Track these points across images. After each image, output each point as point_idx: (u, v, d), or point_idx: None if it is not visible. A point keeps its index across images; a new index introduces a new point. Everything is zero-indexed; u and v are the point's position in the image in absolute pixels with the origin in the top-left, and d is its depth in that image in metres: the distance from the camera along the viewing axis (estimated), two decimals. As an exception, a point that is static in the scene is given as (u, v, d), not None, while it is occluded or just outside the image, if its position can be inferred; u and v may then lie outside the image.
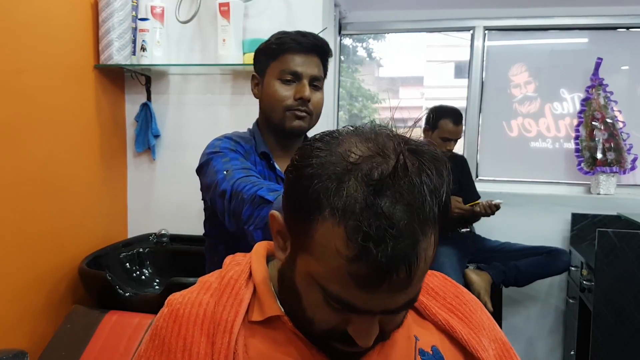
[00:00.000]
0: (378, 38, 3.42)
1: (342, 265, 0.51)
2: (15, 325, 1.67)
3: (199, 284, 0.71)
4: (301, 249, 0.56)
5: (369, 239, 0.48)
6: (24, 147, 1.68)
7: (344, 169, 0.52)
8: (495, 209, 2.28)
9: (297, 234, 0.57)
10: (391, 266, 0.49)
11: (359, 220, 0.49)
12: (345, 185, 0.51)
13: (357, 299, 0.52)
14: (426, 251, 0.52)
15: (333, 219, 0.51)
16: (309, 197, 0.53)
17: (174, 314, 0.66)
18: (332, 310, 0.55)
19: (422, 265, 0.52)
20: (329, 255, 0.52)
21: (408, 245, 0.49)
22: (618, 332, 1.91)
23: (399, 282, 0.51)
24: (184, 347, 0.63)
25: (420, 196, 0.51)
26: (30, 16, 1.68)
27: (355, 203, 0.50)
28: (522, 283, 2.36)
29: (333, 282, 0.53)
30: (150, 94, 2.21)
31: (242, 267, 0.70)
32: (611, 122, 2.59)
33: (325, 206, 0.51)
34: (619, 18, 2.62)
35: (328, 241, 0.52)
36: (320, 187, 0.52)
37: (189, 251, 2.11)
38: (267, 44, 1.30)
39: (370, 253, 0.49)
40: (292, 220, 0.58)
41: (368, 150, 0.53)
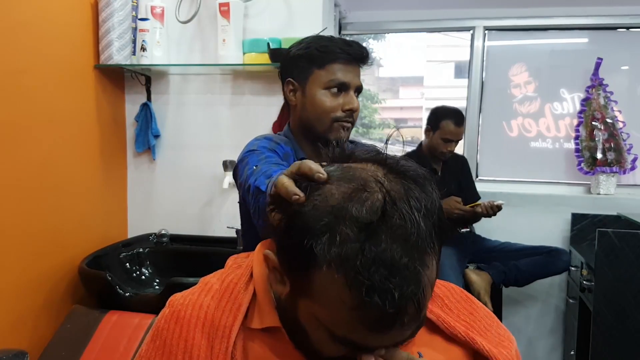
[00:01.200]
0: (378, 38, 3.43)
1: (349, 313, 0.49)
2: (16, 325, 1.67)
3: (200, 284, 0.71)
4: (302, 295, 0.54)
5: (373, 290, 0.47)
6: (24, 147, 1.68)
7: (331, 216, 0.50)
8: (497, 209, 2.28)
9: (295, 280, 0.55)
10: (399, 309, 0.48)
11: (359, 272, 0.48)
12: (337, 234, 0.49)
13: (366, 339, 0.52)
14: (430, 278, 0.51)
15: (331, 268, 0.49)
16: (302, 251, 0.51)
17: (175, 315, 0.66)
18: (340, 345, 0.54)
19: (428, 294, 0.51)
20: (332, 303, 0.50)
21: (413, 284, 0.48)
22: (618, 332, 1.91)
23: (410, 318, 0.50)
24: (184, 349, 0.63)
25: (414, 226, 0.49)
26: (30, 16, 1.68)
27: (350, 252, 0.48)
28: (522, 283, 2.36)
29: (340, 327, 0.52)
30: (150, 94, 2.21)
31: (243, 270, 0.70)
32: (611, 122, 2.59)
33: (321, 259, 0.50)
34: (619, 18, 2.62)
35: (330, 290, 0.50)
36: (312, 240, 0.50)
37: (189, 251, 2.12)
38: (307, 50, 1.24)
39: (376, 303, 0.47)
40: (288, 268, 0.56)
41: (349, 188, 0.52)
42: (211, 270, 0.76)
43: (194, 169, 2.22)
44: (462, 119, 2.39)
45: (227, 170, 2.06)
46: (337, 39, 1.24)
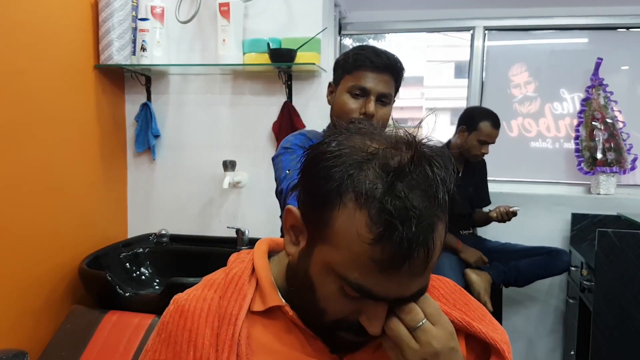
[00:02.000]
0: (378, 38, 3.43)
1: (364, 250, 0.53)
2: (16, 325, 1.67)
3: (203, 282, 0.73)
4: (320, 240, 0.58)
5: (394, 217, 0.52)
6: (24, 147, 1.68)
7: (362, 157, 0.55)
8: (512, 215, 2.27)
9: (315, 225, 0.59)
10: (412, 246, 0.52)
11: (382, 202, 0.52)
12: (365, 172, 0.54)
13: (376, 284, 0.55)
14: (440, 236, 0.56)
15: (355, 204, 0.54)
16: (329, 185, 0.56)
17: (180, 309, 0.68)
18: (346, 300, 0.58)
19: (437, 250, 0.56)
20: (350, 242, 0.54)
21: (428, 226, 0.53)
22: (618, 332, 1.91)
23: (418, 264, 0.54)
24: (189, 339, 0.65)
25: (434, 184, 0.54)
26: (30, 16, 1.68)
27: (376, 188, 0.53)
28: (522, 283, 2.36)
29: (353, 270, 0.55)
30: (150, 94, 2.21)
31: (246, 264, 0.72)
32: (611, 122, 2.59)
33: (346, 192, 0.54)
34: (619, 18, 2.62)
35: (349, 227, 0.54)
36: (341, 174, 0.55)
37: (189, 251, 2.12)
38: (344, 57, 1.39)
39: (395, 231, 0.52)
40: (310, 211, 0.60)
41: (382, 144, 0.57)
42: (211, 270, 0.77)
43: (194, 169, 2.22)
44: (499, 121, 2.34)
45: (227, 170, 2.05)
46: (370, 49, 1.36)
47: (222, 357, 0.63)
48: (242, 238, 2.06)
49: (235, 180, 2.09)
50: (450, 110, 10.18)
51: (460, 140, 2.38)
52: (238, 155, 2.12)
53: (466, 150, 2.36)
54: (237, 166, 2.09)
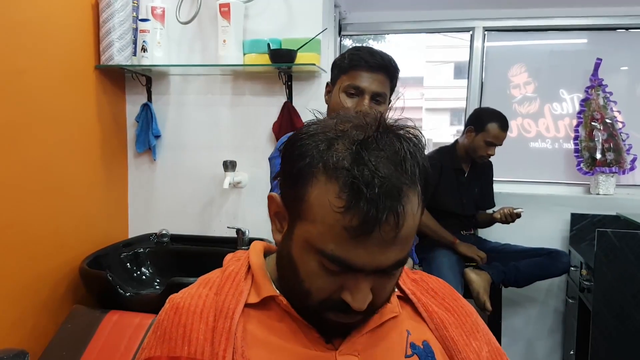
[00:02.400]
0: (378, 39, 3.43)
1: (336, 220, 0.56)
2: (16, 325, 1.67)
3: (198, 281, 0.74)
4: (298, 218, 0.61)
5: (360, 183, 0.54)
6: (25, 147, 1.68)
7: (333, 134, 0.59)
8: (516, 217, 2.27)
9: (293, 203, 0.62)
10: (379, 210, 0.54)
11: (349, 170, 0.55)
12: (335, 147, 0.58)
13: (351, 254, 0.57)
14: (411, 206, 0.57)
15: (325, 176, 0.57)
16: (302, 162, 0.59)
17: (175, 307, 0.69)
18: (328, 276, 0.60)
19: (408, 219, 0.57)
20: (323, 213, 0.57)
21: (394, 190, 0.55)
22: (618, 332, 1.91)
23: (389, 229, 0.56)
24: (183, 334, 0.66)
25: (401, 153, 0.57)
26: (31, 17, 1.68)
27: (344, 159, 0.56)
28: (521, 283, 2.36)
29: (328, 241, 0.57)
30: (150, 95, 2.21)
31: (242, 262, 0.74)
32: (610, 122, 2.59)
33: (317, 165, 0.58)
34: (619, 18, 2.63)
35: (322, 199, 0.57)
36: (312, 149, 0.59)
37: (189, 251, 2.12)
38: (341, 58, 1.43)
39: (362, 196, 0.54)
40: (288, 192, 0.63)
41: (352, 123, 0.61)
42: (211, 270, 0.77)
43: (194, 169, 2.23)
44: (507, 122, 2.34)
45: (227, 170, 2.06)
46: (365, 50, 1.39)
47: (219, 350, 0.63)
48: (243, 238, 2.06)
49: (236, 181, 2.09)
50: (450, 111, 10.22)
51: (467, 140, 2.38)
52: (238, 155, 2.13)
53: (472, 151, 2.36)
54: (238, 166, 2.09)
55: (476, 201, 2.43)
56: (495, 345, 0.77)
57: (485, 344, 0.75)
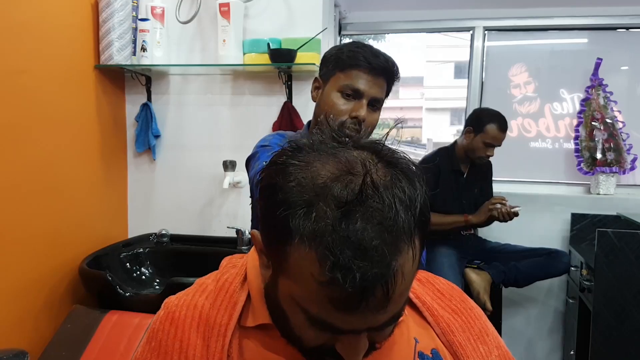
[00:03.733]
0: (378, 38, 3.43)
1: (319, 290, 0.50)
2: (16, 325, 1.67)
3: (195, 285, 0.71)
4: (280, 272, 0.56)
5: (337, 267, 0.47)
6: (25, 147, 1.68)
7: (313, 193, 0.51)
8: (513, 216, 2.26)
9: (274, 257, 0.56)
10: (365, 289, 0.48)
11: (328, 248, 0.48)
12: (314, 210, 0.50)
13: (338, 320, 0.52)
14: (403, 267, 0.50)
15: (305, 243, 0.50)
16: (280, 224, 0.52)
17: (170, 316, 0.67)
18: (318, 330, 0.55)
19: (400, 283, 0.50)
20: (304, 279, 0.51)
21: (380, 267, 0.48)
22: (618, 332, 1.91)
23: (377, 301, 0.50)
24: (180, 349, 0.64)
25: (392, 212, 0.49)
26: (30, 16, 1.68)
27: (324, 229, 0.49)
28: (522, 283, 2.36)
29: (313, 305, 0.52)
30: (150, 94, 2.21)
31: (238, 270, 0.71)
32: (611, 122, 2.59)
33: (295, 233, 0.50)
34: (619, 18, 2.62)
35: (302, 266, 0.51)
36: (290, 213, 0.51)
37: (189, 251, 2.12)
38: (337, 52, 1.26)
39: (345, 276, 0.47)
40: (268, 243, 0.57)
41: (337, 170, 0.52)
42: (211, 270, 0.76)
43: (194, 169, 2.22)
44: (506, 124, 2.33)
45: (227, 170, 2.06)
46: (367, 48, 1.24)
47: None
48: (242, 238, 2.06)
49: (236, 181, 2.09)
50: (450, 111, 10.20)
51: (466, 141, 2.38)
52: (238, 155, 2.12)
53: (471, 152, 2.36)
54: (237, 166, 2.09)
55: (476, 202, 2.42)
56: (505, 350, 0.75)
57: (495, 347, 0.72)
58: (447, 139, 7.76)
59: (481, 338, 0.71)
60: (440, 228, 2.28)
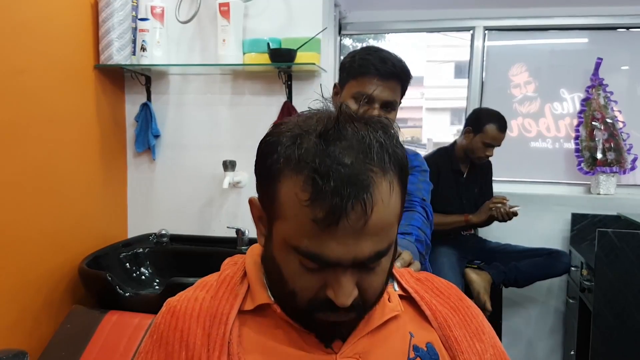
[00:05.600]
0: (378, 38, 3.43)
1: (305, 214, 0.55)
2: (16, 325, 1.67)
3: (196, 284, 0.74)
4: (274, 218, 0.61)
5: (322, 173, 0.54)
6: (24, 147, 1.68)
7: (297, 131, 0.59)
8: (512, 215, 2.26)
9: (268, 203, 0.62)
10: (343, 199, 0.54)
11: (312, 163, 0.55)
12: (300, 142, 0.58)
13: (325, 248, 0.56)
14: (381, 193, 0.56)
15: (292, 171, 0.57)
16: (270, 159, 0.60)
17: (172, 310, 0.69)
18: (309, 274, 0.59)
19: (379, 207, 0.56)
20: (293, 209, 0.57)
21: (358, 179, 0.55)
22: (618, 332, 1.91)
23: (357, 218, 0.55)
24: (180, 339, 0.66)
25: (366, 141, 0.57)
26: (30, 16, 1.68)
27: (307, 152, 0.57)
28: (522, 284, 2.36)
29: (302, 237, 0.57)
30: (150, 94, 2.21)
31: (238, 266, 0.74)
32: (611, 122, 2.59)
33: (283, 161, 0.58)
34: (619, 18, 2.62)
35: (290, 194, 0.57)
36: (278, 147, 0.59)
37: (189, 251, 2.11)
38: (350, 60, 1.35)
39: (325, 187, 0.54)
40: (263, 191, 0.63)
41: (316, 117, 0.61)
42: (211, 270, 0.77)
43: (194, 169, 2.22)
44: (505, 124, 2.33)
45: (227, 170, 2.05)
46: (377, 54, 1.31)
47: (213, 357, 0.63)
48: (242, 238, 2.06)
49: (235, 180, 2.09)
50: (450, 110, 10.19)
51: (465, 141, 2.37)
52: (238, 155, 2.12)
53: (471, 152, 2.36)
54: (237, 166, 2.09)
55: (476, 201, 2.42)
56: (501, 349, 0.76)
57: (490, 346, 0.74)
58: (447, 139, 7.76)
59: (477, 336, 0.73)
60: (441, 228, 2.27)
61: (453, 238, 2.41)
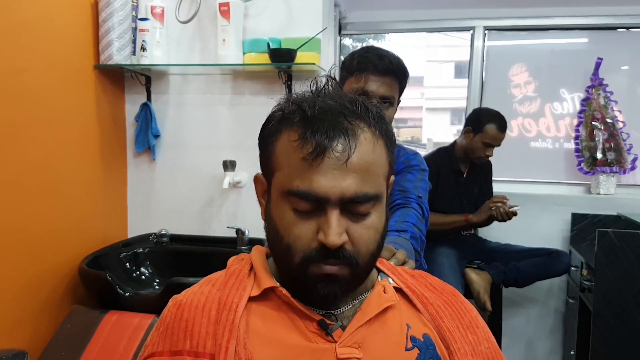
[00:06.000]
0: (378, 38, 3.43)
1: (296, 155, 0.63)
2: (15, 325, 1.67)
3: (202, 280, 0.76)
4: (272, 175, 0.69)
5: (307, 115, 0.63)
6: (24, 147, 1.68)
7: (294, 98, 0.69)
8: (512, 215, 2.25)
9: (267, 165, 0.70)
10: (328, 134, 0.62)
11: (301, 109, 0.64)
12: (293, 101, 0.68)
13: (314, 184, 0.62)
14: (364, 135, 0.64)
15: (285, 124, 0.67)
16: (268, 125, 0.71)
17: (178, 304, 0.71)
18: (302, 221, 0.64)
19: (362, 146, 0.63)
20: (287, 155, 0.65)
21: (340, 117, 0.63)
22: (618, 332, 1.91)
23: (340, 151, 0.62)
24: (185, 329, 0.67)
25: (352, 99, 0.67)
26: (30, 16, 1.68)
27: (299, 103, 0.66)
28: (522, 284, 2.36)
29: (294, 178, 0.63)
30: (150, 94, 2.21)
31: (245, 261, 0.76)
32: (611, 122, 2.59)
33: (278, 121, 0.68)
34: (619, 18, 2.62)
35: (284, 143, 0.66)
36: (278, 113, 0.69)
37: (189, 251, 2.11)
38: (349, 59, 1.39)
39: (311, 125, 0.62)
40: (263, 160, 0.72)
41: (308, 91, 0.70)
42: (211, 270, 0.78)
43: (194, 169, 2.22)
44: (505, 124, 2.33)
45: (227, 170, 2.05)
46: (374, 52, 1.35)
47: (222, 341, 0.65)
48: (242, 238, 2.06)
49: (235, 180, 2.09)
50: (450, 110, 10.18)
51: (465, 141, 2.37)
52: (238, 155, 2.12)
53: (470, 152, 2.36)
54: (237, 166, 2.09)
55: (476, 201, 2.42)
56: (495, 345, 0.77)
57: (485, 340, 0.75)
58: (447, 138, 7.76)
59: (470, 328, 0.74)
60: (441, 228, 2.28)
61: (453, 238, 2.40)
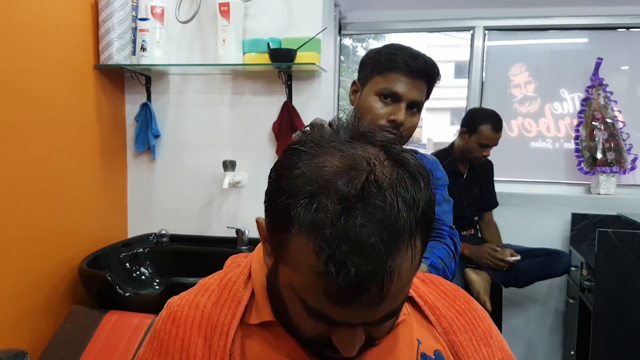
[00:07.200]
0: (378, 38, 3.42)
1: (316, 281, 0.50)
2: (15, 325, 1.67)
3: (198, 285, 0.71)
4: (280, 260, 0.56)
5: (332, 260, 0.48)
6: (24, 147, 1.68)
7: (316, 185, 0.51)
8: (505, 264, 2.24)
9: (275, 244, 0.57)
10: (359, 285, 0.48)
11: (325, 240, 0.48)
12: (316, 202, 0.50)
13: (333, 312, 0.52)
14: (400, 267, 0.51)
15: (304, 234, 0.50)
16: (282, 212, 0.53)
17: (172, 316, 0.67)
18: (314, 320, 0.55)
19: (396, 282, 0.50)
20: (302, 269, 0.52)
21: (375, 265, 0.48)
22: (618, 332, 1.91)
23: (371, 298, 0.50)
24: (181, 349, 0.64)
25: (394, 211, 0.49)
26: (30, 16, 1.68)
27: (323, 221, 0.49)
28: (521, 284, 2.36)
29: (309, 295, 0.53)
30: (150, 94, 2.21)
31: (242, 269, 0.71)
32: (611, 122, 2.59)
33: (295, 222, 0.51)
34: (619, 18, 2.62)
35: (300, 255, 0.51)
36: (292, 202, 0.51)
37: (189, 251, 2.11)
38: (375, 55, 1.25)
39: (339, 270, 0.48)
40: (270, 229, 0.58)
41: (342, 164, 0.52)
42: (211, 270, 0.76)
43: (194, 169, 2.22)
44: (500, 123, 2.32)
45: (227, 170, 2.05)
46: (406, 50, 1.23)
47: None
48: (242, 238, 2.06)
49: (235, 180, 2.09)
50: (450, 110, 10.21)
51: (461, 142, 2.37)
52: (238, 155, 2.12)
53: (467, 152, 2.36)
54: (237, 166, 2.09)
55: (476, 202, 2.42)
56: (508, 352, 0.74)
57: (498, 350, 0.72)
58: (447, 138, 7.76)
59: (484, 340, 0.71)
60: None
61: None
